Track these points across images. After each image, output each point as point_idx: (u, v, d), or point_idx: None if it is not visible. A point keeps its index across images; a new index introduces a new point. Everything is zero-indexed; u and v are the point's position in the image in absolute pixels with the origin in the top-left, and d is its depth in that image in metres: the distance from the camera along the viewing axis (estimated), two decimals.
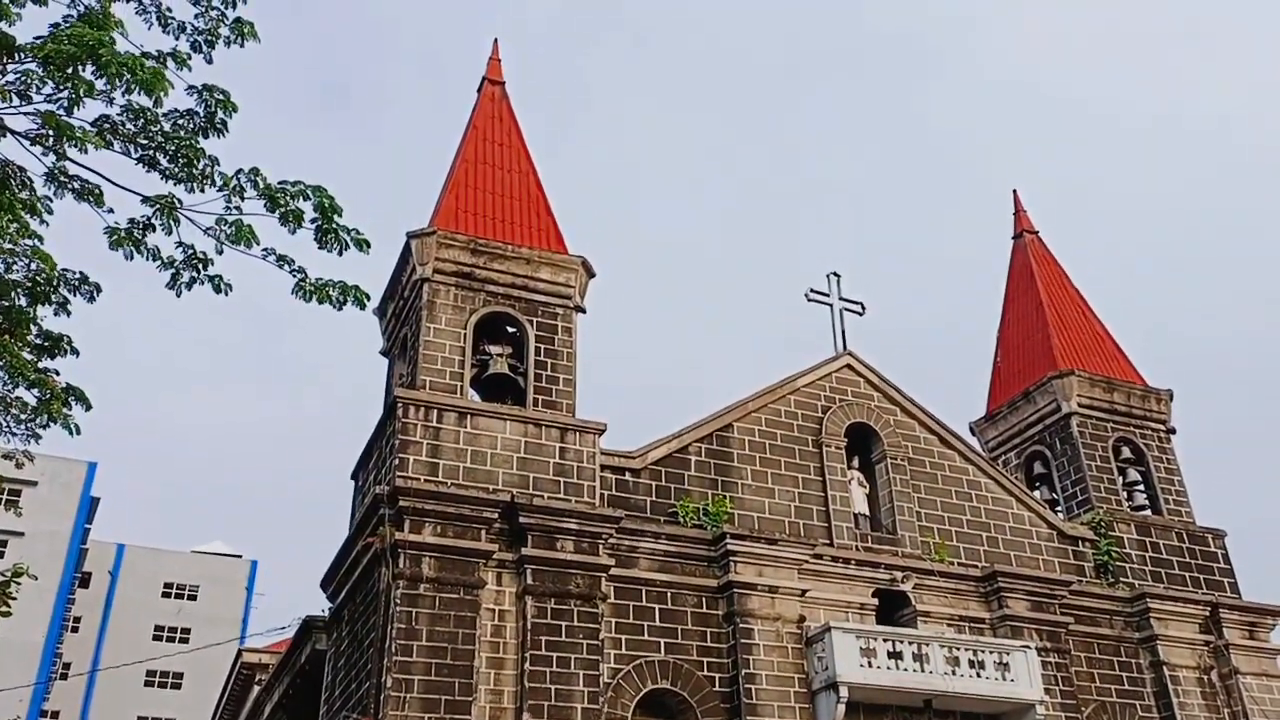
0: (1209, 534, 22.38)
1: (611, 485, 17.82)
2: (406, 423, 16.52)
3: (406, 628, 14.86)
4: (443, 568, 15.44)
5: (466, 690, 14.78)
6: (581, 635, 15.78)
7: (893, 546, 19.25)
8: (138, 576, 53.93)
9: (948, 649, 17.35)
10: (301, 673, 19.52)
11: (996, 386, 25.69)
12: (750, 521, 18.26)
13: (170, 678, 51.56)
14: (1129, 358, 25.01)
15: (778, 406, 19.97)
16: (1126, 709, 19.35)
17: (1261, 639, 20.90)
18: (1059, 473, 22.96)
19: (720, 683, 16.57)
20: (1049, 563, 20.48)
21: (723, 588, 17.17)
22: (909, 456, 20.52)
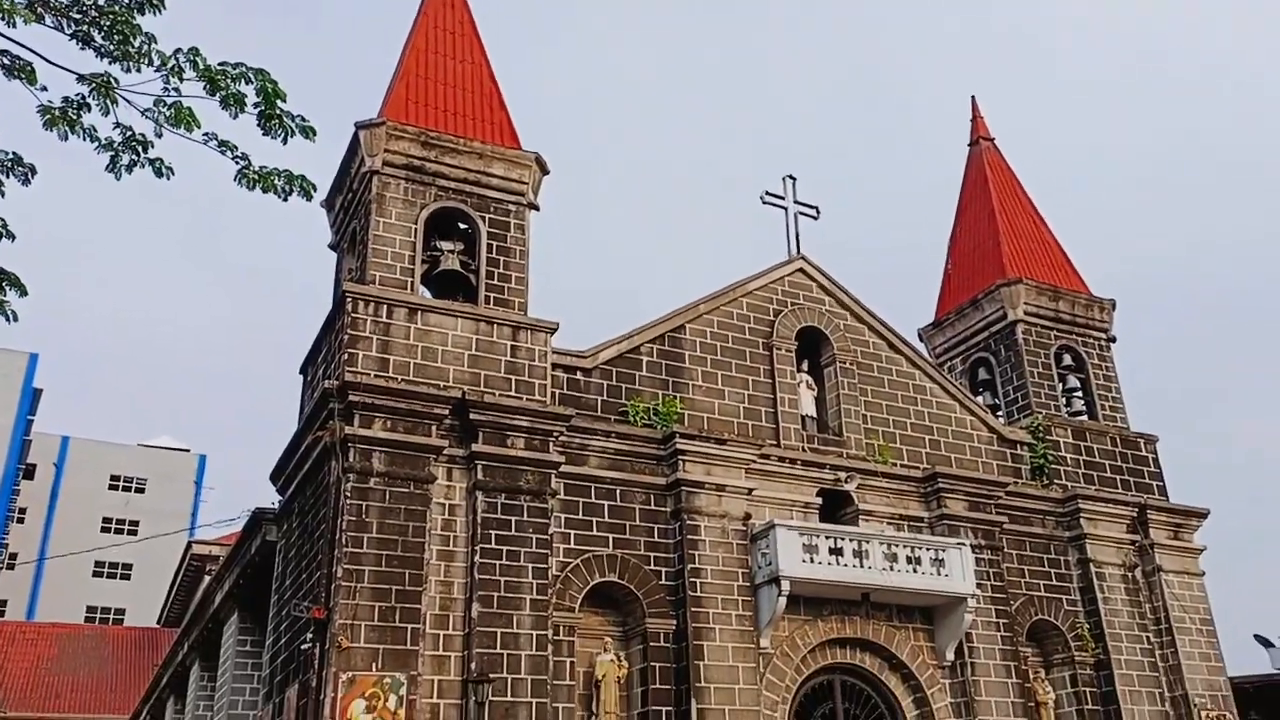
0: (1141, 439, 23.17)
1: (563, 384, 17.90)
2: (356, 317, 16.36)
3: (357, 520, 14.98)
4: (393, 462, 15.50)
5: (417, 581, 15.01)
6: (531, 530, 16.02)
7: (838, 448, 19.67)
8: (84, 469, 53.49)
9: (887, 546, 17.93)
10: (252, 564, 19.66)
11: (946, 294, 26.01)
12: (700, 422, 18.50)
13: (119, 569, 51.69)
14: (1075, 267, 25.42)
15: (729, 309, 20.06)
16: (1053, 603, 20.24)
17: (1185, 539, 21.85)
18: (1002, 379, 23.50)
19: (666, 576, 17.00)
20: (987, 465, 21.10)
21: (671, 486, 17.47)
22: (858, 361, 20.83)
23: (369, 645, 14.35)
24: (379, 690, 14.13)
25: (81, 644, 40.21)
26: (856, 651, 18.22)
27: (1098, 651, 19.98)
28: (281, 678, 16.51)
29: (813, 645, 17.70)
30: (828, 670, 18.05)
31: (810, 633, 17.70)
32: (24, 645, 39.04)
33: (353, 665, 14.17)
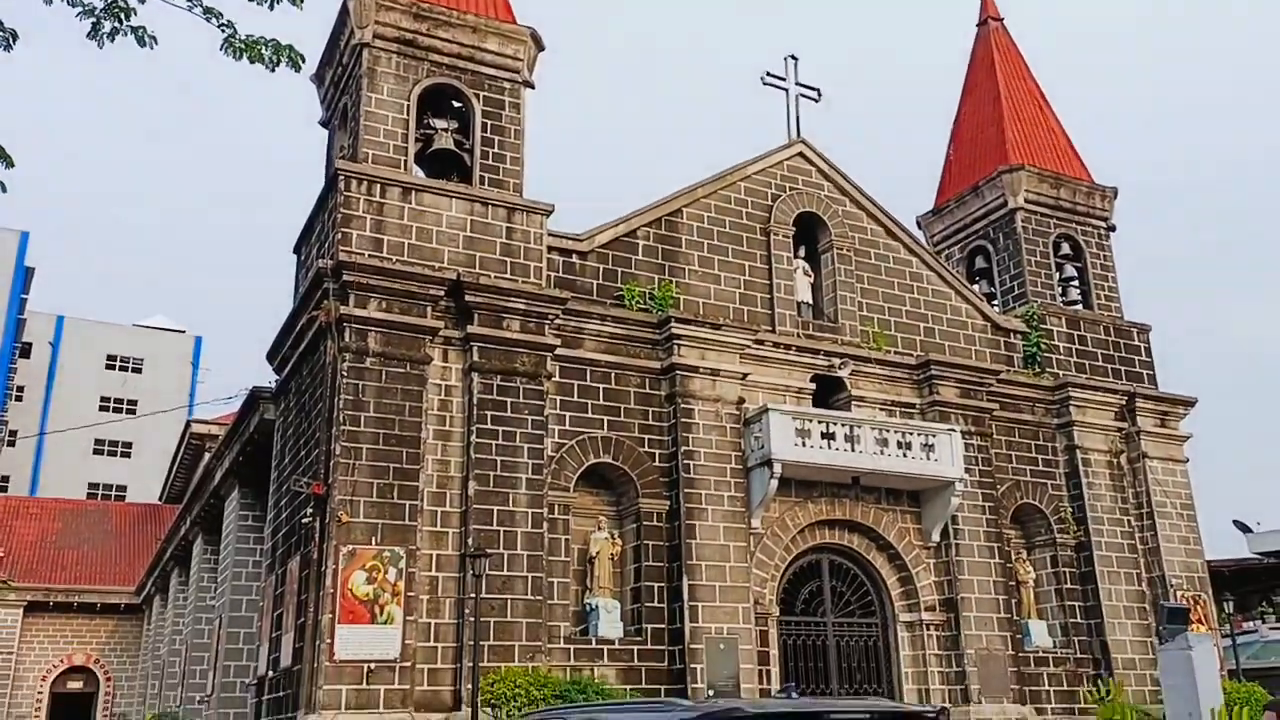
0: (1135, 328, 23.28)
1: (558, 267, 17.81)
2: (349, 196, 16.15)
3: (353, 399, 15.10)
4: (388, 343, 15.54)
5: (414, 460, 15.23)
6: (527, 411, 16.18)
7: (833, 334, 19.74)
8: (80, 349, 53.57)
9: (878, 431, 18.17)
10: (251, 441, 19.91)
11: (947, 180, 25.70)
12: (695, 306, 18.50)
13: (119, 447, 52.31)
14: (1079, 153, 25.07)
15: (727, 193, 19.84)
16: (1038, 487, 20.66)
17: (1171, 427, 22.17)
18: (999, 267, 23.43)
19: (660, 459, 17.26)
20: (981, 353, 21.23)
21: (666, 370, 17.58)
22: (855, 247, 20.72)
23: (368, 520, 14.66)
24: (378, 563, 14.49)
25: (85, 519, 40.97)
26: (844, 532, 18.66)
27: (1079, 534, 20.49)
28: (283, 550, 16.90)
29: (802, 526, 18.11)
30: (816, 550, 18.52)
31: (800, 514, 18.09)
32: (28, 520, 39.76)
33: (352, 539, 14.49)
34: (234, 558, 21.66)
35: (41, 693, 36.61)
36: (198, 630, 24.68)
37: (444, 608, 15.00)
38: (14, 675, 35.98)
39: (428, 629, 14.80)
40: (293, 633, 15.36)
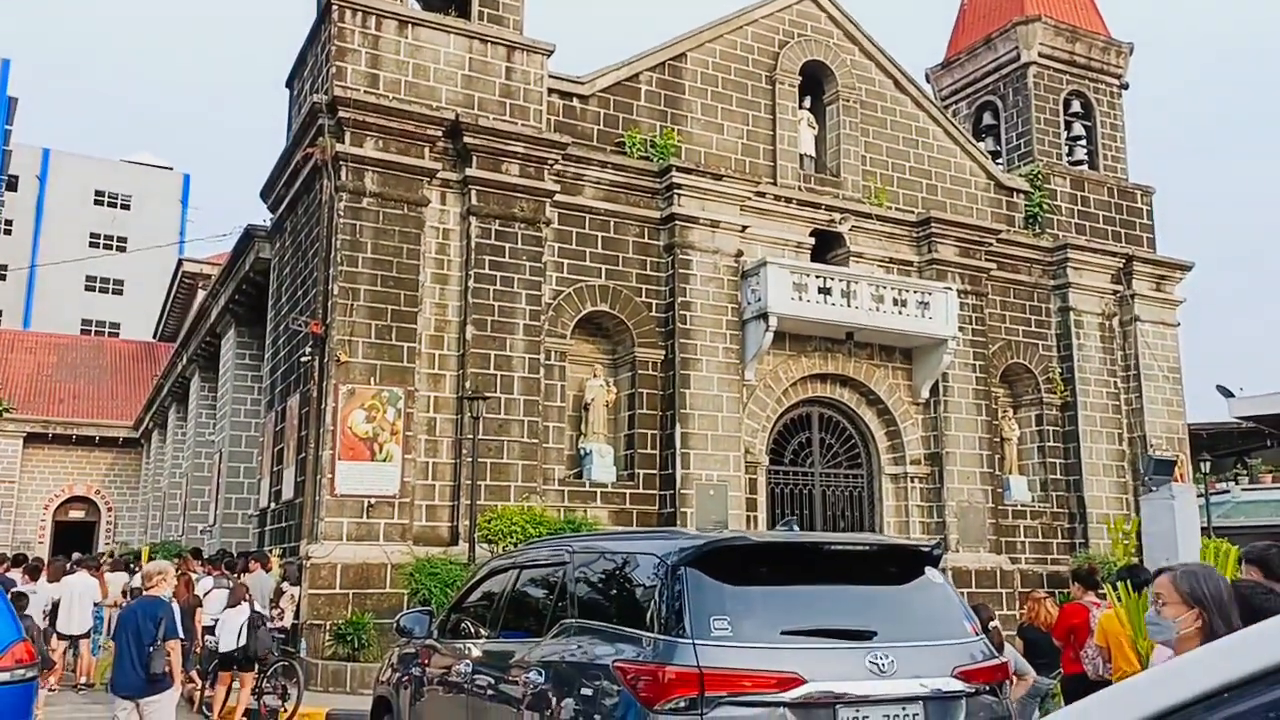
0: (1138, 190, 23.07)
1: (559, 111, 17.41)
2: (343, 28, 15.61)
3: (351, 239, 14.99)
4: (385, 183, 15.32)
5: (412, 302, 15.25)
6: (525, 257, 16.12)
7: (834, 189, 19.52)
8: (67, 183, 52.62)
9: (874, 287, 18.20)
10: (247, 279, 19.86)
11: (959, 31, 24.94)
12: (697, 156, 18.20)
13: (111, 284, 52.11)
14: (1096, 4, 24.26)
15: (733, 38, 19.24)
16: (1029, 347, 20.89)
17: (1166, 291, 22.28)
18: (1007, 124, 23.01)
19: (657, 309, 17.32)
20: (982, 211, 21.07)
21: (665, 219, 17.44)
22: (861, 100, 20.26)
23: (366, 361, 14.79)
24: (377, 403, 14.70)
25: (80, 354, 41.18)
26: (836, 386, 18.93)
27: (1066, 394, 20.85)
28: (282, 388, 17.10)
29: (795, 379, 18.36)
30: (807, 403, 18.83)
31: (793, 367, 18.31)
32: (23, 353, 39.94)
33: (351, 379, 14.66)
34: (232, 395, 21.94)
35: (44, 520, 37.64)
36: (197, 464, 25.23)
37: (441, 448, 15.32)
38: (17, 504, 36.90)
39: (426, 467, 15.15)
40: (294, 467, 15.71)
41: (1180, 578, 3.29)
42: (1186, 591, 3.23)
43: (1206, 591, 3.20)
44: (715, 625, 4.38)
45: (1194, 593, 3.22)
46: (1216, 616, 3.15)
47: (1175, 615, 3.24)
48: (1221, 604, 3.19)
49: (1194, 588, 3.23)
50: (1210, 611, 3.17)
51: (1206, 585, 3.22)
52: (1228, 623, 3.11)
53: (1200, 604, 3.19)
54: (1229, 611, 3.16)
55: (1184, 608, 3.22)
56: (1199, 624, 3.17)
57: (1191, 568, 3.36)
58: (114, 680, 7.55)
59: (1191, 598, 3.21)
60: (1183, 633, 3.21)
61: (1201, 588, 3.22)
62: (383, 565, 14.36)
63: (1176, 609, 3.25)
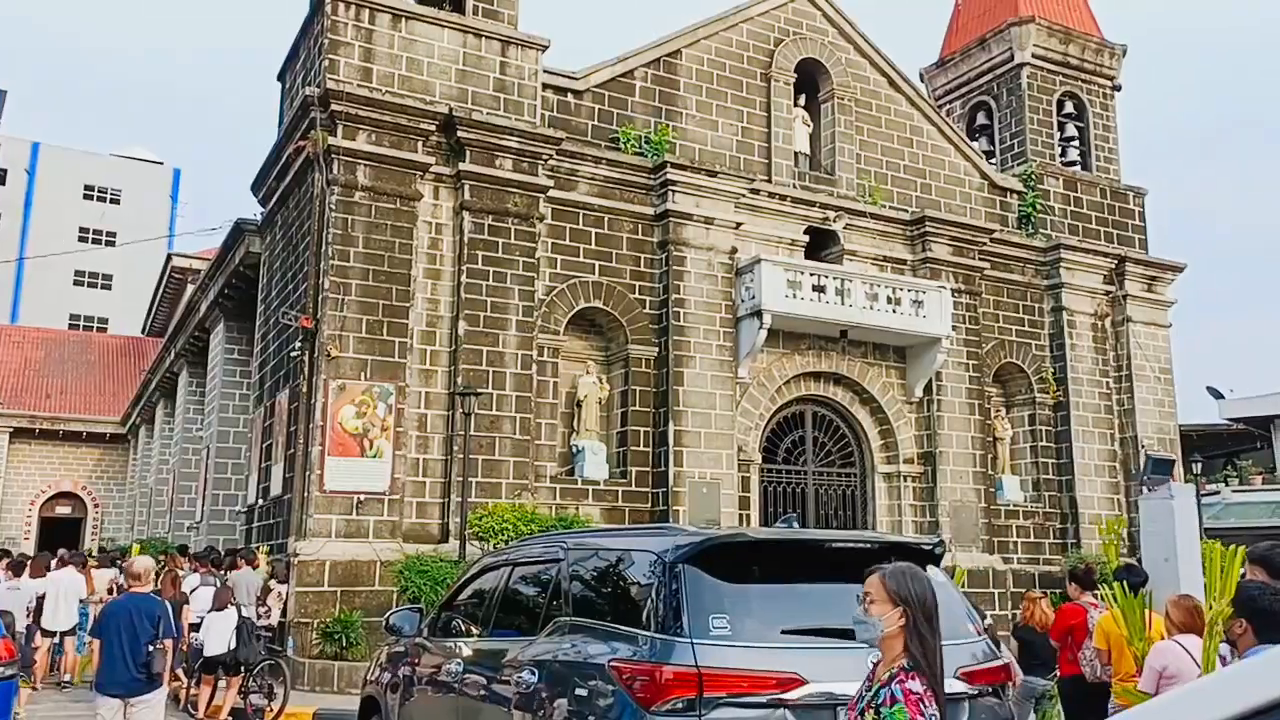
0: (1131, 191, 23.07)
1: (553, 106, 17.30)
2: (336, 21, 15.47)
3: (342, 234, 14.85)
4: (378, 177, 15.19)
5: (404, 297, 15.12)
6: (518, 253, 16.01)
7: (829, 186, 19.46)
8: (56, 177, 52.23)
9: (868, 285, 18.13)
10: (237, 274, 19.70)
11: (953, 31, 24.90)
12: (691, 152, 18.11)
13: (100, 279, 51.78)
14: (1090, 6, 24.26)
15: (729, 35, 19.16)
16: (1023, 347, 20.86)
17: (1158, 292, 22.28)
18: (1000, 124, 22.98)
19: (650, 305, 17.22)
20: (976, 211, 21.04)
21: (659, 216, 17.34)
22: (856, 98, 20.21)
23: (357, 356, 14.65)
24: (368, 398, 14.57)
25: (68, 349, 40.87)
26: (829, 384, 18.86)
27: (1058, 394, 20.82)
28: (272, 383, 16.95)
29: (788, 377, 18.28)
30: (800, 401, 18.76)
31: (787, 365, 18.23)
32: (10, 347, 39.63)
33: (342, 374, 14.52)
34: (221, 390, 21.77)
35: (30, 516, 37.35)
36: (185, 460, 25.03)
37: (433, 444, 15.20)
38: (3, 500, 36.60)
39: (416, 464, 15.03)
40: (283, 463, 15.56)
41: (889, 577, 3.34)
42: (893, 590, 3.29)
43: (912, 591, 3.25)
44: (714, 624, 4.29)
45: (899, 592, 3.27)
46: (919, 615, 3.21)
47: (881, 614, 3.29)
48: (924, 604, 3.24)
49: (900, 587, 3.28)
50: (914, 610, 3.22)
51: (912, 586, 3.27)
52: (929, 622, 3.20)
53: (905, 603, 3.24)
54: (931, 611, 3.23)
55: (889, 606, 3.27)
56: (902, 622, 3.23)
57: (900, 567, 3.40)
58: (102, 678, 7.32)
59: (897, 597, 3.27)
60: (887, 630, 3.27)
61: (907, 587, 3.27)
62: (372, 563, 14.24)
63: (882, 607, 3.30)
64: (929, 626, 3.20)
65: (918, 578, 3.33)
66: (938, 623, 3.22)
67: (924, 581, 3.32)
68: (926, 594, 3.28)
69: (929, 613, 3.24)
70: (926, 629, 3.20)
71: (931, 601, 3.27)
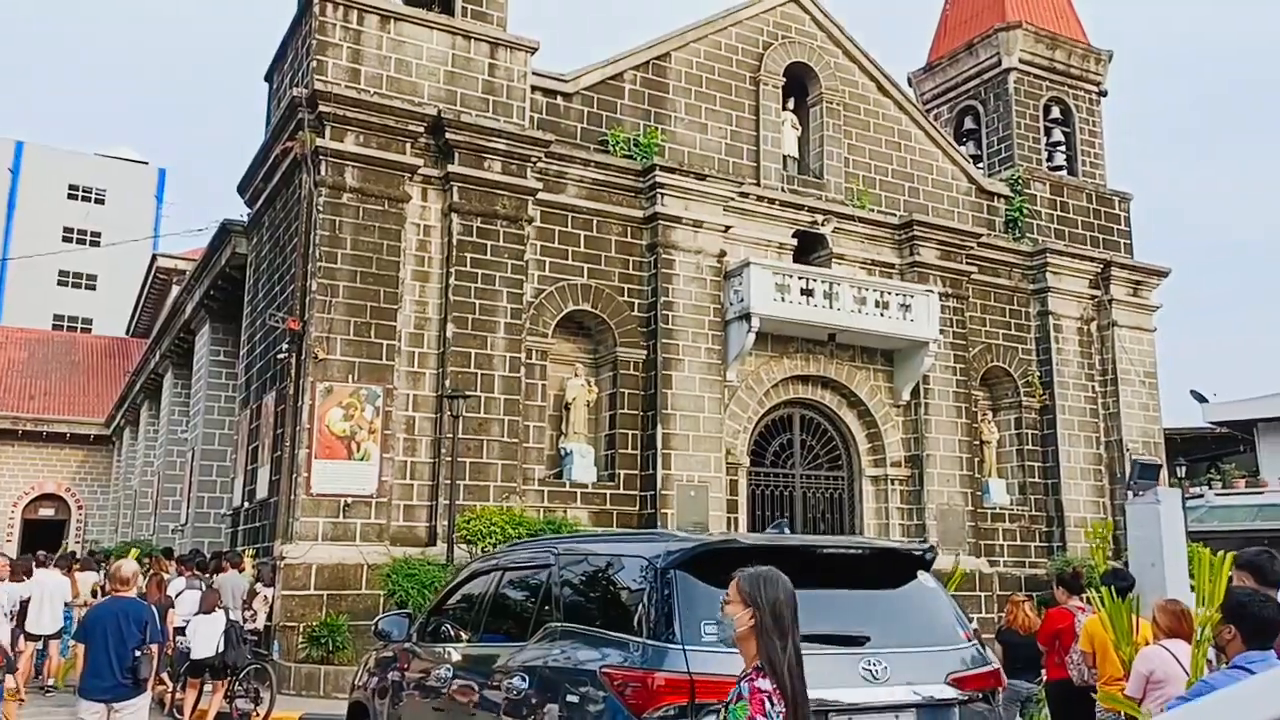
0: (1116, 196, 23.21)
1: (542, 108, 17.29)
2: (324, 22, 15.42)
3: (330, 235, 14.79)
4: (366, 178, 15.14)
5: (392, 299, 15.07)
6: (506, 255, 15.98)
7: (817, 190, 19.50)
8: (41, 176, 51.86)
9: (857, 289, 18.18)
10: (223, 275, 19.60)
11: (941, 36, 25.00)
12: (680, 155, 18.12)
13: (84, 279, 51.44)
14: (1076, 12, 24.40)
15: (718, 38, 19.19)
16: (1009, 351, 20.94)
17: (1143, 297, 22.41)
18: (987, 129, 23.08)
19: (639, 308, 17.21)
20: (963, 215, 21.12)
21: (648, 219, 17.34)
22: (844, 102, 20.26)
23: (345, 358, 14.60)
24: (355, 401, 14.51)
25: (52, 350, 40.57)
26: (817, 388, 18.89)
27: (1044, 398, 20.91)
28: (258, 385, 16.86)
29: (776, 380, 18.30)
30: (788, 404, 18.78)
31: (775, 368, 18.26)
32: None
33: (329, 376, 14.46)
34: (206, 392, 21.65)
35: (14, 518, 37.04)
36: (170, 462, 24.87)
37: (420, 447, 15.15)
38: None
39: (404, 467, 14.98)
40: (269, 466, 15.49)
41: (744, 580, 3.42)
42: (746, 592, 3.37)
43: (763, 594, 3.33)
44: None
45: (751, 594, 3.35)
46: (768, 617, 3.28)
47: (734, 614, 3.39)
48: (774, 606, 3.31)
49: (752, 589, 3.36)
50: (763, 612, 3.29)
51: (764, 589, 3.34)
52: (779, 624, 3.28)
53: (755, 605, 3.32)
54: (782, 613, 3.30)
55: (741, 607, 3.35)
56: (752, 623, 3.31)
57: (757, 571, 3.46)
58: (86, 683, 7.23)
59: (749, 598, 3.34)
60: (739, 630, 3.36)
61: (759, 590, 3.34)
62: (359, 566, 14.18)
63: (735, 608, 3.39)
64: (778, 629, 3.26)
65: (771, 582, 3.38)
66: (790, 625, 3.30)
67: (778, 586, 3.37)
68: (778, 597, 3.33)
69: (778, 615, 3.29)
70: (775, 631, 3.26)
71: (783, 605, 3.32)
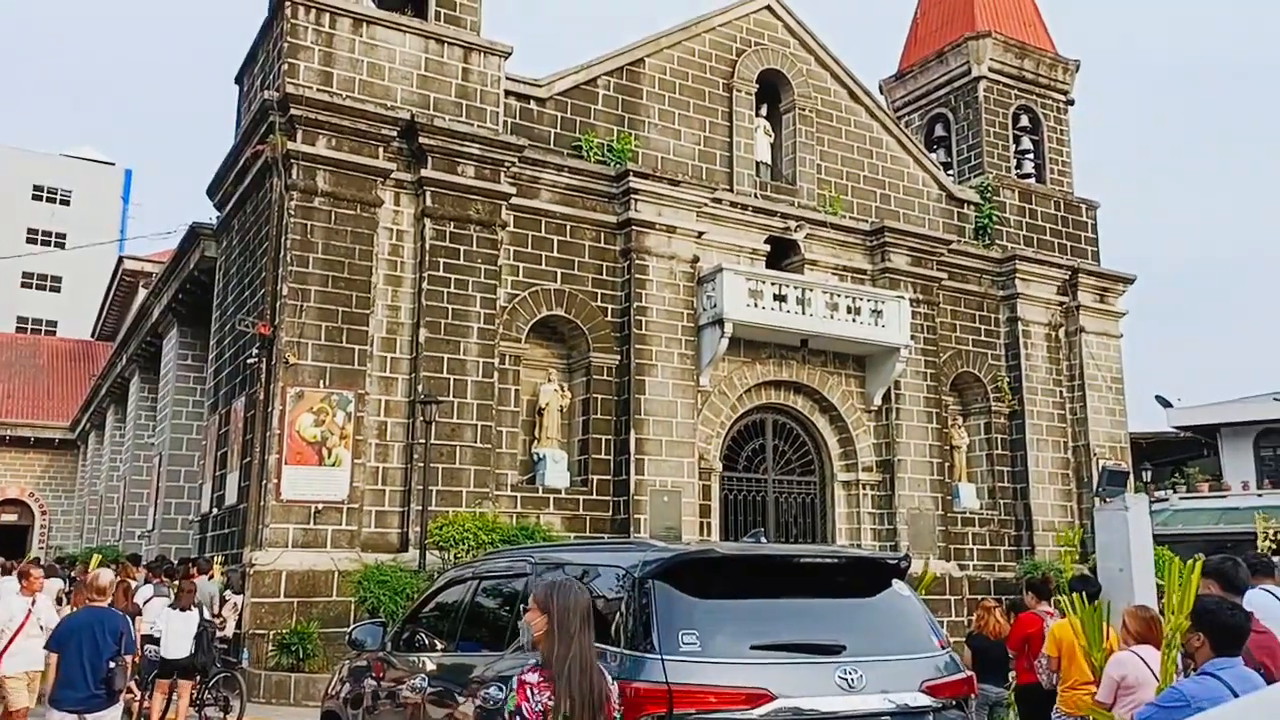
0: (1084, 204, 23.51)
1: (515, 113, 17.26)
2: (295, 24, 15.31)
3: (302, 239, 14.68)
4: (338, 182, 15.04)
5: (364, 304, 14.98)
6: (480, 260, 15.93)
7: (790, 196, 19.60)
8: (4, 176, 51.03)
9: (829, 295, 18.29)
10: (191, 278, 19.40)
11: (912, 44, 25.22)
12: (654, 161, 18.16)
13: (49, 281, 50.72)
14: (1044, 22, 24.71)
15: (691, 45, 19.25)
16: (979, 356, 21.15)
17: (1110, 303, 22.71)
18: (957, 136, 23.31)
19: (612, 314, 17.22)
20: (934, 222, 21.31)
21: (622, 224, 17.35)
22: (817, 109, 20.39)
23: (316, 363, 14.49)
24: (326, 406, 14.41)
25: (16, 353, 39.98)
26: (790, 393, 18.98)
27: (1013, 403, 21.13)
28: (227, 390, 16.70)
29: (749, 385, 18.37)
30: (761, 409, 18.86)
31: (748, 374, 18.33)
32: None
33: (300, 381, 14.35)
34: (174, 396, 21.42)
35: None
36: (136, 467, 24.56)
37: (392, 452, 15.07)
38: None
39: (376, 472, 14.89)
40: (238, 472, 15.34)
41: (540, 590, 3.81)
42: (541, 600, 3.75)
43: (554, 603, 3.68)
44: (684, 640, 4.29)
45: (544, 602, 3.73)
46: (556, 623, 3.64)
47: (531, 621, 3.78)
48: (564, 613, 3.65)
49: (545, 598, 3.73)
50: (553, 618, 3.65)
51: (556, 598, 3.70)
52: (565, 628, 3.62)
53: (548, 612, 3.68)
54: (568, 619, 3.64)
55: (538, 614, 3.73)
56: (546, 628, 3.66)
57: (552, 582, 3.88)
58: (58, 693, 7.12)
59: (544, 606, 3.71)
60: (536, 634, 3.75)
61: (551, 599, 3.71)
62: (330, 572, 14.07)
63: (533, 615, 3.77)
64: (564, 632, 3.59)
65: (563, 591, 3.74)
66: (578, 629, 3.60)
67: (569, 595, 3.71)
68: (567, 605, 3.67)
69: (565, 620, 3.62)
70: (562, 636, 3.59)
71: (571, 612, 3.64)
